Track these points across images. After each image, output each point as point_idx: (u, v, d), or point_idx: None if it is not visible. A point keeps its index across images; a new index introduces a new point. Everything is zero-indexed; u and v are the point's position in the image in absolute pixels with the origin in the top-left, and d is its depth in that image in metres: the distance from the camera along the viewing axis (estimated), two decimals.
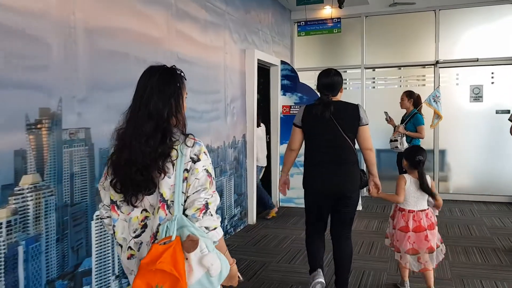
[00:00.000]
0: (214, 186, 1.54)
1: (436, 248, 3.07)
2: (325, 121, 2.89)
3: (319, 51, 7.26)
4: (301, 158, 3.15)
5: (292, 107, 6.14)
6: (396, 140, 5.17)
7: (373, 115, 5.51)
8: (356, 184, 2.96)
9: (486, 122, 6.41)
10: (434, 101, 5.41)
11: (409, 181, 3.13)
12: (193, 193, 1.49)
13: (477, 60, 6.38)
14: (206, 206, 1.49)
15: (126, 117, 1.53)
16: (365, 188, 3.10)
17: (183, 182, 1.49)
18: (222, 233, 1.54)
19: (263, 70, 6.14)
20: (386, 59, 6.85)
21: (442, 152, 6.70)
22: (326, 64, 7.12)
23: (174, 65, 1.60)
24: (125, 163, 1.48)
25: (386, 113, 5.56)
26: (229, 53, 4.78)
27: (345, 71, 7.05)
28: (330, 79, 2.98)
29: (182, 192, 1.49)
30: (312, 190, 3.00)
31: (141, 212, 1.55)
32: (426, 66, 6.70)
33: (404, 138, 5.17)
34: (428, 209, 3.11)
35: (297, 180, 3.51)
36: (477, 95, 6.43)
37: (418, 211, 3.06)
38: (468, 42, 6.47)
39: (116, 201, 1.57)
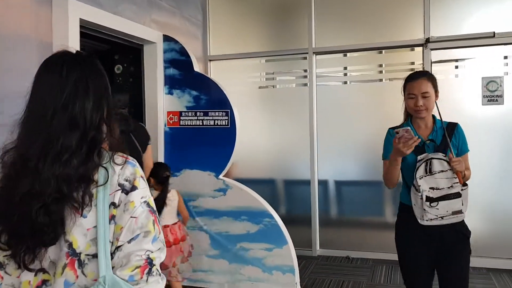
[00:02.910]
0: (161, 230, 1.08)
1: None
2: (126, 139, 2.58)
3: (253, 30, 4.73)
4: None
5: (183, 113, 3.61)
6: (451, 187, 2.08)
7: (353, 136, 2.91)
8: None
9: (510, 136, 3.92)
10: None
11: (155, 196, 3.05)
12: (129, 242, 1.02)
13: (494, 36, 3.89)
14: (150, 262, 1.03)
15: (22, 130, 1.04)
16: None
17: (109, 223, 1.02)
18: None
19: (132, 51, 3.64)
20: (352, 39, 4.35)
21: None
22: (266, 48, 4.64)
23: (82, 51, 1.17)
24: (22, 199, 0.99)
25: (400, 131, 2.06)
26: None
27: (305, 58, 4.50)
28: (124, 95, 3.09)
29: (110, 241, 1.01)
30: None
31: (36, 274, 1.03)
32: (415, 48, 4.22)
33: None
34: (178, 221, 3.18)
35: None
36: (493, 94, 3.93)
37: (172, 224, 3.11)
38: (478, 8, 4.00)
39: None
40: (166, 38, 3.63)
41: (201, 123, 3.54)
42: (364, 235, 4.35)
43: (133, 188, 1.05)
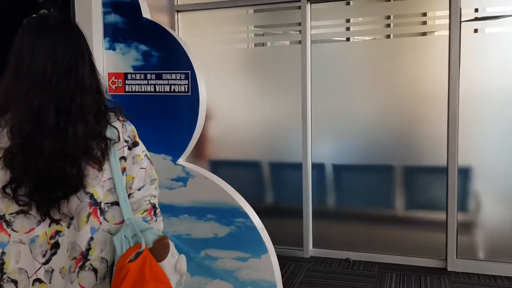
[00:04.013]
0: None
1: None
2: None
3: None
4: None
5: (129, 76, 2.69)
6: None
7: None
8: None
9: None
10: None
11: None
12: (139, 189, 1.21)
13: None
14: (154, 206, 1.24)
15: (21, 86, 1.07)
16: None
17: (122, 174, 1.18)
18: None
19: None
20: None
21: (464, 173, 3.30)
22: None
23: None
24: (51, 156, 1.06)
25: None
26: None
27: (299, 7, 3.56)
28: None
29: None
30: None
31: (50, 225, 1.12)
32: None
33: None
34: None
35: None
36: None
37: None
38: None
39: (4, 215, 1.10)
40: None
41: (152, 89, 2.63)
42: (368, 232, 3.52)
43: (135, 143, 1.22)
